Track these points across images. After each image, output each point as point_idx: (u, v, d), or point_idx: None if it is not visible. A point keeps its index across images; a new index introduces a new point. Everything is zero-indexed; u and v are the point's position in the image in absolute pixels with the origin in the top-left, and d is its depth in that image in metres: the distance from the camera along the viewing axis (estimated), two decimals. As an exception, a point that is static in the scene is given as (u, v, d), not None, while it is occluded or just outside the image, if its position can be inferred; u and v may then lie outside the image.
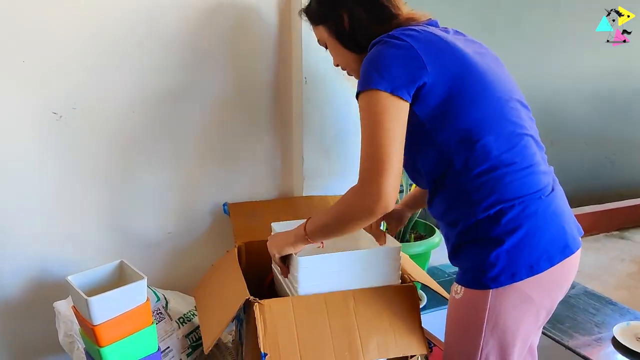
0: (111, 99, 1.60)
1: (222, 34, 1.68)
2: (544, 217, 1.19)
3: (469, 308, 1.24)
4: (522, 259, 1.17)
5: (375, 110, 1.14)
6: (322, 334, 1.30)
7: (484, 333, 1.22)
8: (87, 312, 1.19)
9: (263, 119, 1.81)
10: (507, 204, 1.18)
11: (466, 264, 1.24)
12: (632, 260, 3.74)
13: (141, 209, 1.71)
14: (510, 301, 1.20)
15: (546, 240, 1.19)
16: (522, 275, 1.18)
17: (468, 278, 1.23)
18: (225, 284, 1.50)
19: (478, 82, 1.20)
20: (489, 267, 1.18)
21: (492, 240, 1.18)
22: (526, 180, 1.19)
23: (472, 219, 1.20)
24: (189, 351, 1.56)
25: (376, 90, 1.13)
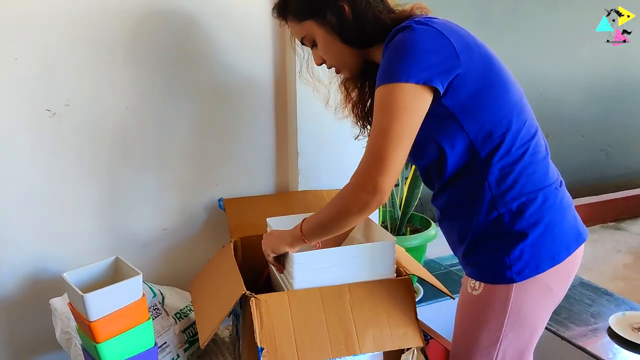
0: (104, 96, 1.60)
1: (215, 29, 1.68)
2: (561, 208, 1.22)
3: (490, 303, 1.23)
4: (545, 251, 1.19)
5: (397, 106, 1.08)
6: (319, 328, 1.30)
7: (504, 327, 1.23)
8: (83, 309, 1.19)
9: (257, 114, 1.81)
10: (530, 196, 1.18)
11: (486, 259, 1.22)
12: (628, 251, 3.75)
13: (136, 206, 1.71)
14: (532, 293, 1.21)
15: (564, 230, 1.22)
16: (545, 266, 1.19)
17: (490, 273, 1.22)
18: (221, 279, 1.50)
19: (501, 76, 1.19)
20: (515, 262, 1.18)
21: (516, 234, 1.18)
22: (544, 172, 1.22)
23: (493, 213, 1.19)
24: (186, 346, 1.56)
25: (404, 83, 1.08)
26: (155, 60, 1.63)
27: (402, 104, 1.08)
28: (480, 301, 1.24)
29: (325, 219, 1.23)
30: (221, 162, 1.80)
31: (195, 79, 1.70)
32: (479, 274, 1.24)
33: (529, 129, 1.21)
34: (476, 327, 1.26)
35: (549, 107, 3.74)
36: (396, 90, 1.08)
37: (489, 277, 1.22)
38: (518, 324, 1.23)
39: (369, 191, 1.10)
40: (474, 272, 1.25)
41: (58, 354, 1.63)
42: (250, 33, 1.73)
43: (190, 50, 1.67)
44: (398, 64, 1.08)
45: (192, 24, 1.65)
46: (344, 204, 1.17)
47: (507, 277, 1.19)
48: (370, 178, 1.10)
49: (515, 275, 1.18)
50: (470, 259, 1.26)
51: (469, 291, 1.26)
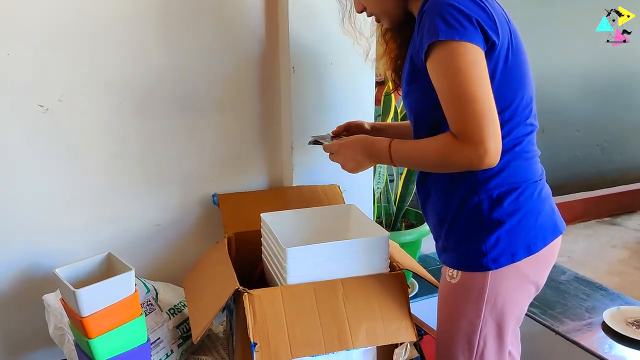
0: (97, 91, 1.59)
1: (208, 24, 1.68)
2: (539, 200, 1.25)
3: (467, 291, 1.25)
4: (521, 240, 1.21)
5: (462, 63, 1.07)
6: (312, 323, 1.30)
7: (483, 314, 1.25)
8: (75, 304, 1.19)
9: (252, 109, 1.80)
10: (512, 186, 1.21)
11: (463, 246, 1.25)
12: (623, 246, 3.76)
13: (130, 201, 1.71)
14: (508, 281, 1.23)
15: (541, 221, 1.24)
16: (520, 255, 1.22)
17: (466, 261, 1.24)
18: (214, 274, 1.50)
19: (523, 64, 1.21)
20: (490, 249, 1.20)
21: (494, 221, 1.20)
22: (531, 168, 1.25)
23: (473, 198, 1.21)
24: (179, 342, 1.56)
25: (461, 42, 1.07)
26: (148, 56, 1.63)
27: (471, 58, 1.08)
28: (459, 290, 1.26)
29: (424, 161, 1.21)
30: (215, 158, 1.79)
31: (188, 74, 1.69)
32: (456, 261, 1.26)
33: (528, 126, 1.23)
34: (456, 316, 1.29)
35: (545, 102, 3.73)
36: (459, 48, 1.07)
37: (466, 265, 1.24)
38: (496, 311, 1.25)
39: (479, 157, 1.08)
40: (451, 260, 1.28)
41: (51, 350, 1.63)
42: (243, 27, 1.72)
43: (182, 44, 1.66)
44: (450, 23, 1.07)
45: (184, 17, 1.64)
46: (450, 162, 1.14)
47: (483, 264, 1.21)
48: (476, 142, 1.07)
49: (491, 263, 1.21)
50: (448, 246, 1.28)
51: (447, 280, 1.29)
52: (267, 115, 1.83)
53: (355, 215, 1.60)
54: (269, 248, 1.50)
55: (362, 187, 1.91)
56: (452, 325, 1.30)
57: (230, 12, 1.70)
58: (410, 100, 1.28)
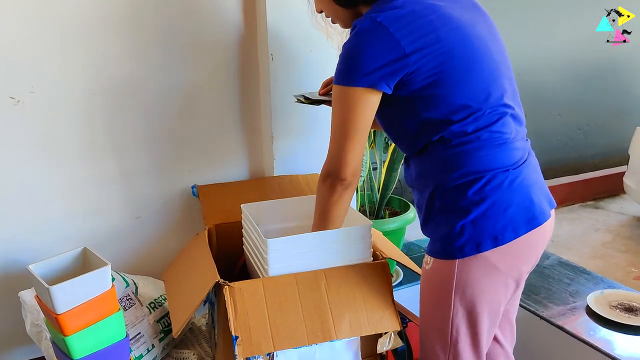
0: (71, 82, 1.55)
1: (184, 11, 1.64)
2: (511, 189, 1.20)
3: (438, 279, 1.26)
4: (487, 230, 1.19)
5: (347, 106, 1.19)
6: (294, 314, 1.29)
7: (453, 303, 1.25)
8: (50, 301, 1.16)
9: (230, 99, 1.78)
10: (475, 176, 1.19)
11: (435, 233, 1.26)
12: (607, 229, 3.79)
13: (108, 194, 1.68)
14: (477, 271, 1.22)
15: (512, 212, 1.20)
16: (487, 245, 1.19)
17: (437, 248, 1.25)
18: (194, 267, 1.48)
19: (467, 59, 1.19)
20: (456, 237, 1.20)
21: (459, 210, 1.20)
22: (498, 156, 1.21)
23: (442, 188, 1.22)
24: (161, 336, 1.54)
25: (350, 87, 1.17)
26: (122, 45, 1.59)
27: (352, 105, 1.18)
28: (431, 276, 1.29)
29: (318, 213, 1.33)
30: (194, 148, 1.76)
31: (164, 64, 1.66)
32: (429, 249, 1.28)
33: (492, 115, 1.20)
34: (430, 304, 1.31)
35: (526, 87, 3.73)
36: (345, 93, 1.18)
37: (437, 252, 1.25)
38: (466, 301, 1.24)
39: (336, 180, 1.25)
40: (427, 247, 1.30)
41: (29, 347, 1.60)
42: (220, 14, 1.69)
43: (157, 35, 1.63)
44: (345, 67, 1.18)
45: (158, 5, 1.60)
46: (322, 196, 1.30)
47: (449, 252, 1.22)
48: (334, 170, 1.24)
49: (456, 252, 1.21)
50: (426, 232, 1.31)
51: (424, 266, 1.31)
52: (246, 105, 1.80)
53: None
54: (249, 239, 1.47)
55: (345, 175, 1.89)
56: (428, 313, 1.32)
57: (208, 3, 1.66)
58: None
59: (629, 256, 3.39)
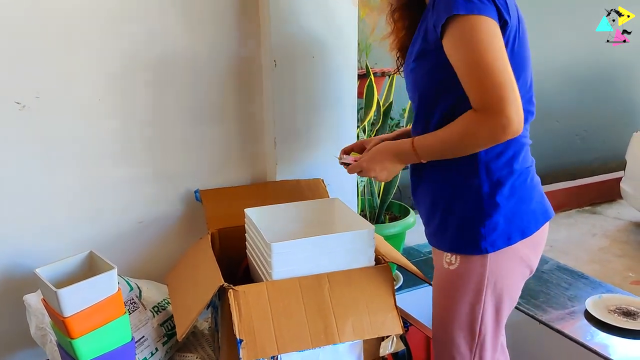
0: (75, 87, 1.56)
1: (189, 18, 1.65)
2: (532, 186, 1.30)
3: (467, 277, 1.27)
4: (516, 223, 1.25)
5: (488, 37, 1.09)
6: (298, 318, 1.30)
7: (483, 299, 1.27)
8: (57, 305, 1.17)
9: (234, 104, 1.79)
10: (510, 171, 1.24)
11: (461, 229, 1.27)
12: (604, 234, 3.81)
13: (111, 199, 1.68)
14: (506, 264, 1.27)
15: (533, 206, 1.29)
16: (516, 238, 1.25)
17: (464, 244, 1.26)
18: (198, 271, 1.49)
19: (527, 50, 1.23)
20: (489, 232, 1.23)
21: (492, 204, 1.23)
22: (526, 154, 1.29)
23: (474, 179, 1.24)
24: (164, 340, 1.55)
25: (480, 15, 1.09)
26: (126, 51, 1.60)
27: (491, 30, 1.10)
28: (458, 275, 1.28)
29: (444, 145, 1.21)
30: (197, 153, 1.77)
31: (169, 69, 1.67)
32: (454, 246, 1.28)
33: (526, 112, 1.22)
34: (455, 303, 1.30)
35: (525, 93, 3.76)
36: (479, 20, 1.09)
37: (464, 248, 1.26)
38: (496, 295, 1.28)
39: (503, 127, 1.10)
40: (448, 245, 1.29)
41: (33, 350, 1.60)
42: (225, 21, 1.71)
43: (163, 38, 1.64)
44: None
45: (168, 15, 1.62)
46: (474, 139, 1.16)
47: (481, 247, 1.24)
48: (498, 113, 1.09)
49: (489, 246, 1.23)
50: (444, 230, 1.29)
51: (445, 267, 1.30)
52: (249, 110, 1.81)
53: (339, 208, 1.59)
54: (253, 244, 1.49)
55: (346, 180, 1.91)
56: (452, 312, 1.31)
57: (212, 6, 1.67)
58: (416, 75, 1.28)
59: (626, 261, 3.41)
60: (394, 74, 1.55)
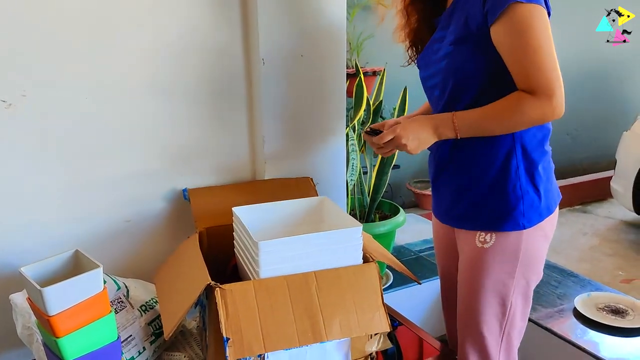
0: (61, 85, 1.55)
1: (175, 15, 1.65)
2: (552, 167, 1.44)
3: (502, 253, 1.34)
4: (545, 201, 1.36)
5: (539, 23, 1.20)
6: (285, 316, 1.29)
7: (516, 274, 1.34)
8: (42, 303, 1.16)
9: (222, 103, 1.78)
10: (545, 151, 1.37)
11: (500, 207, 1.33)
12: (594, 233, 3.83)
13: (98, 197, 1.68)
14: (535, 239, 1.36)
15: (553, 185, 1.42)
16: (545, 214, 1.36)
17: (504, 222, 1.33)
18: (185, 270, 1.48)
19: None
20: (527, 208, 1.32)
21: (530, 183, 1.33)
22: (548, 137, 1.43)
23: (512, 161, 1.32)
24: (152, 339, 1.54)
25: (537, 5, 1.20)
26: (112, 49, 1.59)
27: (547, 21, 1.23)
28: (492, 253, 1.34)
29: (490, 121, 1.28)
30: (185, 152, 1.77)
31: (155, 67, 1.66)
32: (490, 224, 1.35)
33: None
34: (488, 279, 1.35)
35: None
36: (539, 10, 1.21)
37: (502, 225, 1.33)
38: (527, 270, 1.35)
39: (552, 106, 1.22)
40: (484, 223, 1.36)
41: (20, 350, 1.59)
42: (213, 19, 1.70)
43: (151, 35, 1.63)
44: None
45: (153, 12, 1.61)
46: (524, 117, 1.25)
47: (519, 223, 1.32)
48: (552, 95, 1.21)
49: (526, 222, 1.32)
50: (479, 208, 1.36)
51: (479, 246, 1.36)
52: (238, 108, 1.81)
53: (328, 207, 1.59)
54: (241, 242, 1.48)
55: (335, 179, 1.91)
56: (484, 289, 1.37)
57: (199, 4, 1.67)
58: (455, 60, 1.32)
59: (615, 259, 3.43)
60: (407, 64, 1.60)
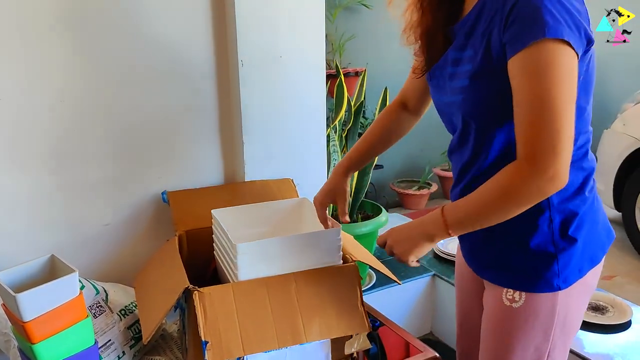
0: (38, 89, 1.54)
1: (152, 18, 1.64)
2: (598, 208, 1.18)
3: (535, 315, 1.14)
4: (587, 254, 1.14)
5: (560, 69, 0.93)
6: (264, 319, 1.29)
7: (552, 338, 1.16)
8: (16, 309, 1.15)
9: (201, 105, 1.77)
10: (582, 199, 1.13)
11: (530, 265, 1.13)
12: (577, 230, 3.85)
13: (76, 201, 1.66)
14: (575, 297, 1.15)
15: (600, 230, 1.18)
16: (586, 268, 1.15)
17: (534, 281, 1.13)
18: (165, 273, 1.48)
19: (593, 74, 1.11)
20: (563, 268, 1.11)
21: (567, 239, 1.11)
22: (590, 177, 1.17)
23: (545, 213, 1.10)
24: (132, 343, 1.53)
25: (566, 43, 0.93)
26: (89, 51, 1.58)
27: (569, 63, 0.94)
28: (523, 314, 1.14)
29: (483, 208, 1.03)
30: (164, 154, 1.75)
31: (133, 68, 1.65)
32: (519, 282, 1.14)
33: (590, 133, 1.18)
34: (519, 343, 1.16)
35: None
36: (560, 49, 0.93)
37: (533, 286, 1.13)
38: (565, 331, 1.16)
39: (548, 178, 0.95)
40: (511, 280, 1.15)
41: (-2, 357, 1.58)
42: (189, 18, 1.69)
43: (125, 35, 1.62)
44: (557, 18, 0.93)
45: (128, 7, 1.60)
46: (512, 192, 0.99)
47: (554, 285, 1.11)
48: (547, 161, 0.94)
49: (562, 283, 1.12)
50: (506, 263, 1.16)
51: (506, 304, 1.15)
52: (216, 110, 1.80)
53: (308, 208, 1.59)
54: (220, 244, 1.48)
55: (316, 180, 1.90)
56: (513, 354, 1.17)
57: (177, 6, 1.66)
58: (472, 97, 1.09)
59: (597, 257, 3.45)
60: (420, 75, 1.27)
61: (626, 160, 3.51)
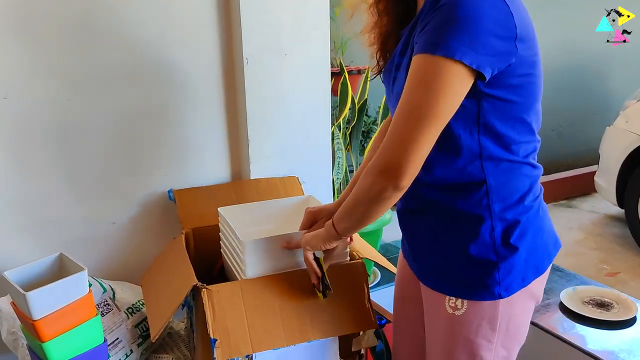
0: (43, 87, 1.54)
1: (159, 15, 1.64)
2: (543, 216, 1.18)
3: (477, 323, 1.14)
4: (531, 262, 1.13)
5: (442, 85, 0.96)
6: (272, 316, 1.30)
7: (495, 345, 1.15)
8: (26, 308, 1.16)
9: (207, 103, 1.77)
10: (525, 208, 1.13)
11: (470, 273, 1.12)
12: (579, 227, 3.86)
13: (83, 200, 1.66)
14: (518, 305, 1.15)
15: (545, 239, 1.18)
16: (530, 277, 1.14)
17: (475, 290, 1.12)
18: (172, 271, 1.48)
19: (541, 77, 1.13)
20: (504, 277, 1.10)
21: (508, 248, 1.11)
22: (535, 184, 1.18)
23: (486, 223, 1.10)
24: (139, 341, 1.53)
25: (453, 61, 0.95)
26: (96, 45, 1.58)
27: (445, 82, 0.96)
28: (465, 322, 1.14)
29: (349, 206, 1.12)
30: (170, 152, 1.76)
31: (141, 66, 1.65)
32: (460, 290, 1.14)
33: (537, 142, 1.19)
34: (462, 350, 1.16)
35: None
36: (444, 67, 0.95)
37: (473, 294, 1.12)
38: (508, 338, 1.16)
39: (389, 176, 1.00)
40: (452, 288, 1.15)
41: (5, 356, 1.58)
42: (194, 16, 1.69)
43: (132, 33, 1.62)
44: (453, 35, 0.95)
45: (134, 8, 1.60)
46: (363, 188, 1.06)
47: (495, 293, 1.11)
48: (394, 164, 1.00)
49: (503, 291, 1.11)
50: (446, 270, 1.16)
51: (448, 312, 1.15)
52: (222, 108, 1.80)
53: (314, 206, 1.59)
54: (227, 242, 1.48)
55: (321, 177, 1.91)
56: None
57: (182, 3, 1.66)
58: None
59: (600, 253, 3.47)
60: (374, 76, 1.32)
61: (629, 157, 3.51)
